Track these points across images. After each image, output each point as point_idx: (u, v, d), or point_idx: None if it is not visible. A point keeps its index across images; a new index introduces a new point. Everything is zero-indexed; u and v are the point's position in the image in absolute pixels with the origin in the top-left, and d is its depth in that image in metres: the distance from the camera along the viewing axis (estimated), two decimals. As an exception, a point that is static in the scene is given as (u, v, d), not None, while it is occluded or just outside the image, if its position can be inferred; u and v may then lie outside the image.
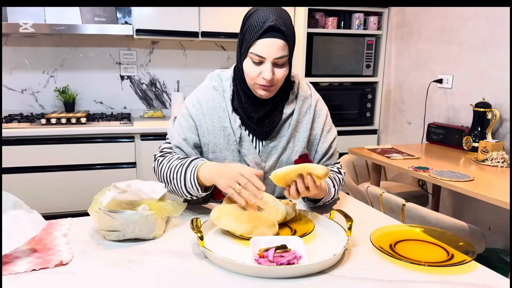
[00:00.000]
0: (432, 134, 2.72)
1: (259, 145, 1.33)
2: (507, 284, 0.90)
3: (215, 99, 1.31)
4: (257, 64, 1.20)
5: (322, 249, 1.03)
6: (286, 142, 1.33)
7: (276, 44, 1.17)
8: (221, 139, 1.31)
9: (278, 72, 1.21)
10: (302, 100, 1.35)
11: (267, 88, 1.22)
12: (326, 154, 1.38)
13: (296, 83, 1.36)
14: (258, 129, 1.30)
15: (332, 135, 1.40)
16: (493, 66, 2.44)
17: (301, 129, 1.34)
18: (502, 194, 1.69)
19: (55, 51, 3.06)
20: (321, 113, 1.38)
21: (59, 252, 1.00)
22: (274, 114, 1.31)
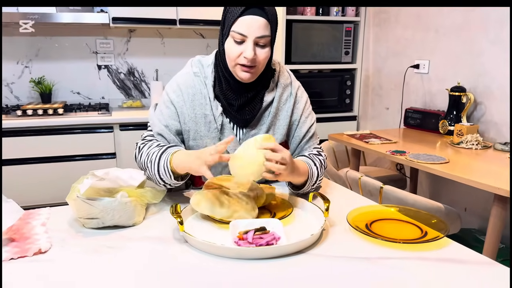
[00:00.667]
0: (409, 119, 2.77)
1: (239, 133, 1.34)
2: (477, 258, 0.93)
3: (196, 86, 1.31)
4: (239, 43, 1.19)
5: (300, 230, 1.05)
6: (266, 130, 1.33)
7: (258, 22, 1.16)
8: (202, 126, 1.30)
9: (260, 52, 1.20)
10: (282, 88, 1.35)
11: (248, 69, 1.21)
12: (304, 138, 1.39)
13: (277, 71, 1.36)
14: (239, 116, 1.30)
15: (310, 120, 1.41)
16: (467, 51, 2.49)
17: (281, 117, 1.35)
18: (477, 175, 1.74)
19: (29, 40, 2.99)
20: (300, 100, 1.39)
21: (37, 241, 0.99)
22: (255, 102, 1.31)
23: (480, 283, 0.83)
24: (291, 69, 3.16)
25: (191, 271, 0.87)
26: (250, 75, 1.23)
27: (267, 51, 1.21)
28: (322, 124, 3.29)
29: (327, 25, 3.21)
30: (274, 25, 1.21)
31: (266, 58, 1.22)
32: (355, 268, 0.88)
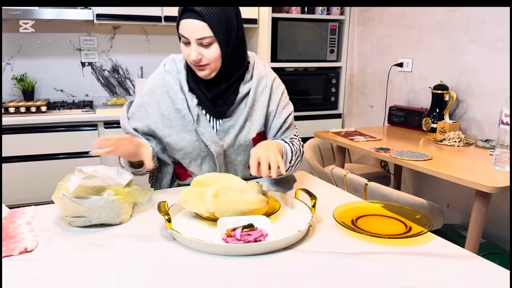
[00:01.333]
0: (393, 117, 2.80)
1: (216, 124, 1.36)
2: (460, 252, 0.96)
3: (167, 84, 1.34)
4: (186, 44, 1.24)
5: (287, 226, 1.06)
6: (244, 121, 1.36)
7: (194, 25, 1.20)
8: (177, 122, 1.33)
9: (206, 52, 1.24)
10: (258, 79, 1.38)
11: (201, 67, 1.26)
12: (281, 129, 1.42)
13: (252, 63, 1.39)
14: (213, 108, 1.33)
15: (287, 111, 1.44)
16: (449, 49, 2.54)
17: (258, 108, 1.38)
18: (459, 172, 1.78)
19: (11, 37, 2.94)
20: (277, 91, 1.42)
21: (23, 240, 0.98)
22: (228, 94, 1.34)
23: (463, 276, 0.85)
24: (276, 66, 3.18)
25: (179, 269, 0.88)
26: (206, 72, 1.28)
27: (214, 50, 1.24)
28: (307, 122, 3.32)
29: (313, 23, 3.22)
30: (217, 24, 1.21)
31: (215, 56, 1.25)
32: (341, 263, 0.90)
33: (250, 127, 1.37)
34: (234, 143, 1.36)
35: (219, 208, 1.05)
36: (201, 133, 1.33)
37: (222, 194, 1.08)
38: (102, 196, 1.04)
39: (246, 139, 1.36)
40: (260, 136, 1.38)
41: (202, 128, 1.33)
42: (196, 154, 1.36)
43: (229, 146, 1.36)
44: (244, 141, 1.36)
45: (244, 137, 1.36)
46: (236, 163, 1.39)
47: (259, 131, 1.37)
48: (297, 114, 3.26)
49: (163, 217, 1.00)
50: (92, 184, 1.06)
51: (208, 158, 1.37)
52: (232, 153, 1.38)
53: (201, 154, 1.36)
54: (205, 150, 1.35)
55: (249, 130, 1.37)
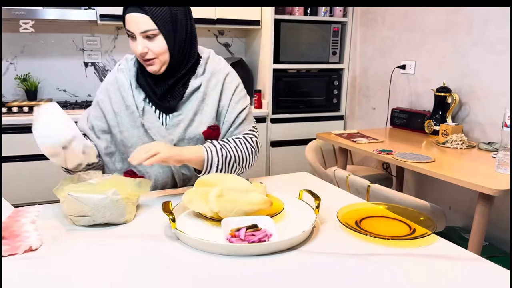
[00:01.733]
0: (395, 119, 2.81)
1: (166, 119, 1.37)
2: (464, 255, 0.96)
3: (119, 81, 1.37)
4: (133, 39, 1.27)
5: (291, 227, 1.06)
6: (193, 115, 1.36)
7: (137, 18, 1.23)
8: (127, 118, 1.35)
9: (151, 45, 1.26)
10: (210, 73, 1.39)
11: (150, 62, 1.28)
12: (233, 124, 1.41)
13: (205, 58, 1.40)
14: (161, 103, 1.35)
15: (241, 105, 1.43)
16: (452, 52, 2.54)
17: (209, 102, 1.38)
18: (462, 174, 1.78)
19: (14, 37, 2.95)
20: (230, 85, 1.42)
21: (27, 239, 0.99)
22: (177, 88, 1.35)
23: (467, 278, 0.85)
24: (279, 68, 3.18)
25: (183, 268, 0.88)
26: (156, 67, 1.30)
27: (159, 43, 1.26)
28: (309, 123, 3.32)
29: (315, 25, 3.23)
30: (162, 18, 1.25)
31: (161, 49, 1.27)
32: (345, 264, 0.90)
33: (201, 121, 1.37)
34: (184, 137, 1.36)
35: (223, 208, 1.05)
36: (148, 127, 1.34)
37: (226, 194, 1.08)
38: (106, 195, 1.04)
39: (196, 133, 1.36)
40: (211, 130, 1.38)
41: (149, 123, 1.34)
42: None
43: (179, 140, 1.35)
44: (194, 135, 1.36)
45: (194, 130, 1.36)
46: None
47: (209, 124, 1.37)
48: (299, 116, 3.27)
49: (168, 216, 1.00)
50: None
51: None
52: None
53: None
54: None
55: (199, 124, 1.36)
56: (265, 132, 3.20)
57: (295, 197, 1.20)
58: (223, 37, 3.48)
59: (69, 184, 1.09)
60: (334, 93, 3.38)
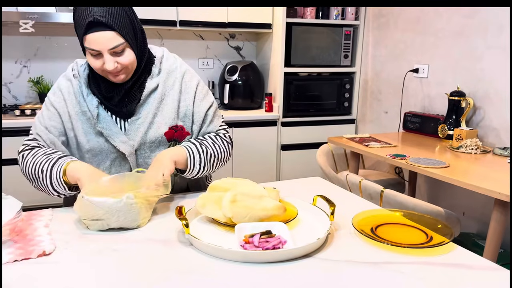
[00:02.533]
0: (408, 123, 2.78)
1: (125, 124, 1.32)
2: (483, 263, 0.93)
3: (73, 85, 1.31)
4: (97, 56, 1.19)
5: (306, 233, 1.05)
6: (152, 116, 1.32)
7: (104, 36, 1.16)
8: (84, 123, 1.30)
9: (121, 59, 1.20)
10: (166, 73, 1.34)
11: (118, 73, 1.23)
12: (204, 123, 1.39)
13: (159, 57, 1.35)
14: (119, 109, 1.30)
15: (206, 103, 1.40)
16: (466, 56, 2.51)
17: (168, 102, 1.34)
18: (477, 180, 1.75)
19: (28, 40, 2.98)
20: (190, 84, 1.38)
21: (41, 243, 0.99)
22: (134, 93, 1.30)
23: (487, 288, 0.83)
24: (290, 71, 3.17)
25: (196, 274, 0.87)
26: (123, 76, 1.25)
27: (128, 55, 1.21)
28: (320, 127, 3.31)
29: (327, 28, 3.22)
30: (125, 29, 1.19)
31: (131, 60, 1.22)
32: (362, 273, 0.88)
33: (161, 122, 1.32)
34: (145, 141, 1.32)
35: (236, 214, 1.04)
36: (108, 135, 1.29)
37: (240, 200, 1.07)
38: (120, 199, 1.04)
39: (157, 135, 1.32)
40: (173, 130, 1.33)
41: (107, 130, 1.29)
42: (104, 156, 1.31)
43: (140, 144, 1.31)
44: (155, 137, 1.32)
45: (154, 133, 1.32)
46: (150, 162, 1.33)
47: (170, 125, 1.34)
48: (310, 119, 3.25)
49: (181, 222, 0.99)
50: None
51: (119, 160, 1.32)
52: (145, 151, 1.33)
53: (110, 157, 1.32)
54: (114, 151, 1.31)
55: (159, 126, 1.32)
56: (276, 135, 3.18)
57: (309, 203, 1.18)
58: (234, 40, 3.48)
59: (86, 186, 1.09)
60: (345, 97, 3.36)
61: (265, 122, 3.13)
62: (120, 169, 1.33)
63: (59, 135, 1.30)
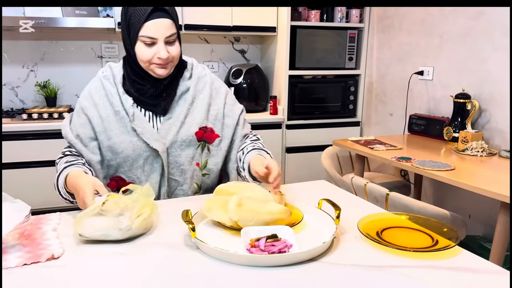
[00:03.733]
0: (413, 125, 2.77)
1: (157, 123, 1.37)
2: (489, 267, 0.93)
3: (105, 88, 1.36)
4: (150, 45, 1.27)
5: (311, 237, 1.05)
6: (184, 117, 1.37)
7: (164, 23, 1.25)
8: (116, 124, 1.34)
9: (172, 49, 1.29)
10: (197, 78, 1.42)
11: (164, 65, 1.29)
12: (238, 125, 1.46)
13: (190, 63, 1.43)
14: (155, 103, 1.35)
15: (238, 108, 1.48)
16: (472, 58, 2.50)
17: (198, 104, 1.40)
18: (482, 183, 1.75)
19: (35, 44, 3.00)
20: (220, 90, 1.46)
21: (49, 247, 1.00)
22: (171, 89, 1.37)
23: (493, 292, 0.83)
24: (294, 74, 3.18)
25: (203, 278, 0.88)
26: (167, 70, 1.31)
27: (178, 46, 1.31)
28: (325, 130, 3.31)
29: (331, 31, 3.22)
30: (177, 21, 1.31)
31: (178, 52, 1.32)
32: (367, 277, 0.88)
33: (192, 123, 1.38)
34: (177, 139, 1.36)
35: (242, 217, 1.05)
36: (141, 132, 1.33)
37: (246, 204, 1.07)
38: (119, 228, 1.02)
39: (188, 134, 1.37)
40: (203, 131, 1.39)
41: (141, 128, 1.33)
42: (137, 155, 1.34)
43: (172, 143, 1.36)
44: (186, 136, 1.37)
45: (186, 132, 1.37)
46: (181, 161, 1.38)
47: (201, 125, 1.39)
48: (315, 122, 3.26)
49: (187, 225, 1.00)
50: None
51: (151, 159, 1.36)
52: (176, 150, 1.37)
53: (143, 155, 1.35)
54: (147, 150, 1.34)
55: (190, 126, 1.38)
56: (281, 138, 3.19)
57: (314, 207, 1.19)
58: (239, 43, 3.50)
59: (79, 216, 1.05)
60: (350, 99, 3.36)
61: (270, 124, 3.13)
62: (152, 167, 1.37)
63: (90, 140, 1.35)
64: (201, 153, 1.41)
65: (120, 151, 1.34)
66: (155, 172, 1.37)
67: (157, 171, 1.37)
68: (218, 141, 1.43)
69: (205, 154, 1.42)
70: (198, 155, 1.40)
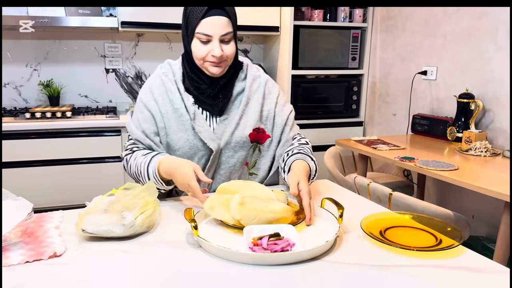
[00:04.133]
0: (417, 125, 2.76)
1: (213, 123, 1.38)
2: (492, 266, 0.93)
3: (165, 84, 1.37)
4: (205, 43, 1.27)
5: (314, 236, 1.05)
6: (239, 118, 1.38)
7: (221, 21, 1.25)
8: (175, 121, 1.35)
9: (226, 48, 1.28)
10: (252, 79, 1.42)
11: (218, 64, 1.29)
12: (287, 126, 1.45)
13: (245, 65, 1.43)
14: (213, 103, 1.36)
15: (287, 109, 1.47)
16: (475, 58, 2.49)
17: (252, 105, 1.40)
18: (486, 183, 1.74)
19: (38, 44, 3.01)
20: (272, 90, 1.46)
21: (52, 244, 1.00)
22: (227, 90, 1.37)
23: (497, 292, 0.83)
24: (297, 74, 3.18)
25: (205, 276, 0.87)
26: (221, 69, 1.31)
27: (233, 45, 1.30)
28: (328, 129, 3.30)
29: (334, 31, 3.21)
30: (235, 21, 1.30)
31: (233, 52, 1.31)
32: (371, 276, 0.88)
33: (246, 124, 1.39)
34: (231, 141, 1.37)
35: (245, 216, 1.05)
36: (199, 131, 1.34)
37: (248, 202, 1.07)
38: (123, 224, 1.02)
39: (242, 136, 1.38)
40: (256, 132, 1.39)
41: (200, 127, 1.35)
42: (192, 153, 1.36)
43: (226, 143, 1.37)
44: (240, 138, 1.38)
45: (240, 133, 1.38)
46: (233, 162, 1.39)
47: (254, 126, 1.39)
48: (318, 122, 3.25)
49: (190, 224, 1.00)
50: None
51: (205, 158, 1.37)
52: (229, 151, 1.38)
53: (198, 154, 1.37)
54: (202, 148, 1.36)
55: (244, 127, 1.38)
56: (284, 138, 3.18)
57: (317, 205, 1.18)
58: (242, 43, 3.49)
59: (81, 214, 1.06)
60: (353, 99, 3.36)
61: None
62: (204, 166, 1.38)
63: (154, 135, 1.37)
64: (252, 154, 1.42)
65: (177, 148, 1.36)
66: (205, 171, 1.37)
67: (208, 170, 1.38)
68: (269, 141, 1.43)
69: (255, 155, 1.42)
70: (249, 156, 1.42)
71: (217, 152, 1.36)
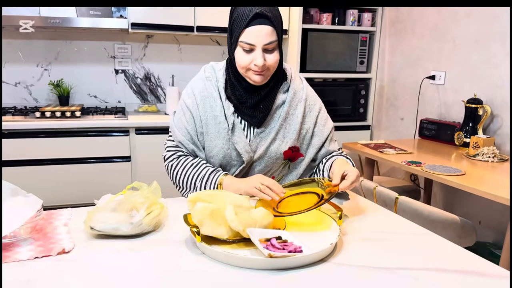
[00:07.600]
0: (424, 130, 2.76)
1: (250, 134, 1.36)
2: (496, 271, 0.93)
3: (208, 89, 1.36)
4: (248, 52, 1.24)
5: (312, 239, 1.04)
6: (276, 133, 1.35)
7: (264, 31, 1.21)
8: (212, 128, 1.34)
9: (269, 58, 1.25)
10: (293, 93, 1.38)
11: (260, 72, 1.26)
12: (324, 146, 1.42)
13: (289, 76, 1.39)
14: (253, 114, 1.33)
15: (327, 129, 1.43)
16: (484, 63, 2.49)
17: (291, 121, 1.37)
18: (493, 188, 1.73)
19: (49, 44, 3.05)
20: (313, 108, 1.41)
21: (60, 241, 1.01)
22: (268, 101, 1.34)
23: (502, 297, 0.83)
24: (305, 77, 3.17)
25: (212, 276, 0.88)
26: (263, 77, 1.28)
27: (276, 55, 1.26)
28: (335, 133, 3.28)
29: (343, 34, 3.22)
30: (280, 29, 1.26)
31: (276, 61, 1.27)
32: (376, 278, 0.88)
33: (283, 140, 1.36)
34: (265, 155, 1.36)
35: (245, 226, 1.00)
36: (236, 141, 1.33)
37: (239, 212, 1.03)
38: (131, 222, 1.04)
39: (277, 152, 1.36)
40: (291, 150, 1.37)
41: (237, 137, 1.33)
42: (226, 162, 1.36)
43: (260, 157, 1.36)
44: (275, 154, 1.36)
45: (276, 149, 1.36)
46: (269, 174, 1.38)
47: (292, 144, 1.37)
48: (325, 125, 3.25)
49: (191, 229, 0.98)
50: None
51: (236, 168, 1.37)
52: (260, 164, 1.37)
53: (231, 163, 1.36)
54: (236, 159, 1.35)
55: (280, 143, 1.36)
56: (291, 140, 3.19)
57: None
58: (250, 45, 3.50)
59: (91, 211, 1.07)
60: (361, 103, 3.36)
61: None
62: (234, 175, 1.37)
63: (197, 138, 1.37)
64: (282, 170, 1.41)
65: (212, 155, 1.36)
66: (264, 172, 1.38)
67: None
68: (301, 159, 1.40)
69: (284, 170, 1.41)
70: (278, 171, 1.40)
71: (248, 163, 1.35)
